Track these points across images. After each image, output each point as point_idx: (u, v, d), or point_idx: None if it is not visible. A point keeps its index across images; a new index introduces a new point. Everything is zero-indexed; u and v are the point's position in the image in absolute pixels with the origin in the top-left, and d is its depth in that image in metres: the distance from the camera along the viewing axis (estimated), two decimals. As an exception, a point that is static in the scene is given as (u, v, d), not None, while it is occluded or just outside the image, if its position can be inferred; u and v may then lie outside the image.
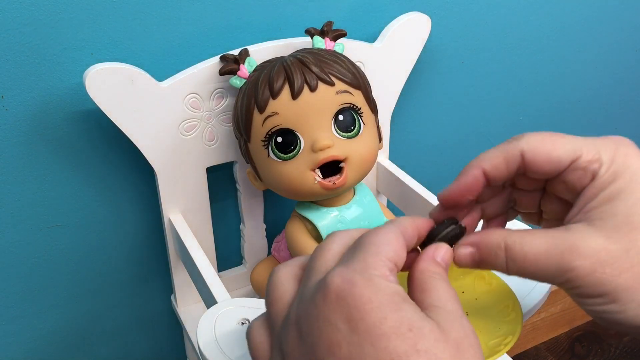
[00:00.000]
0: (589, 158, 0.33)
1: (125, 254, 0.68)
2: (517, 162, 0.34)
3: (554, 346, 1.29)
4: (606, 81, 0.97)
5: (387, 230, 0.32)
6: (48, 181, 0.60)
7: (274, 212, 0.73)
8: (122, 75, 0.54)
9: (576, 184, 0.33)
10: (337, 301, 0.28)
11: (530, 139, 0.34)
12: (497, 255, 0.33)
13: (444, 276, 0.32)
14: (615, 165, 0.32)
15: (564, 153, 0.33)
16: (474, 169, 0.35)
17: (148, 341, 0.76)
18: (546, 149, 0.33)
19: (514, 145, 0.34)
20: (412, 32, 0.68)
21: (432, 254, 0.33)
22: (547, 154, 0.33)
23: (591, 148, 0.33)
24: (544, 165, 0.33)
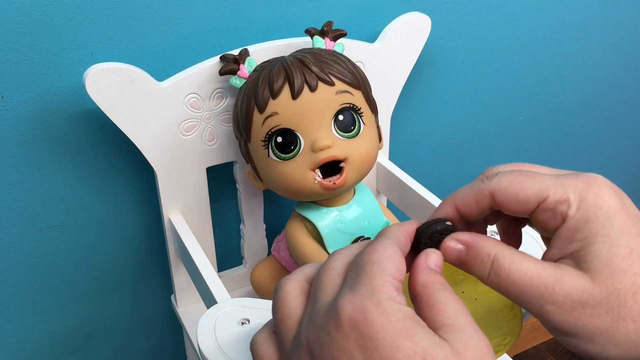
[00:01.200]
0: (557, 199, 0.32)
1: (125, 254, 0.68)
2: (487, 202, 0.34)
3: (554, 346, 1.29)
4: (606, 81, 0.97)
5: (385, 246, 0.31)
6: (48, 181, 0.60)
7: (274, 212, 0.73)
8: (122, 75, 0.54)
9: (547, 224, 0.33)
10: (350, 330, 0.28)
11: (500, 179, 0.34)
12: (483, 263, 0.33)
13: (445, 285, 0.32)
14: (585, 205, 0.32)
15: (531, 194, 0.33)
16: (447, 206, 0.36)
17: (148, 341, 0.76)
18: (514, 190, 0.33)
19: (485, 186, 0.34)
20: (412, 32, 0.68)
21: (425, 263, 0.33)
22: (514, 195, 0.33)
23: (559, 189, 0.32)
24: (512, 206, 0.33)
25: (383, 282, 0.29)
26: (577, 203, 0.32)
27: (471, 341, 0.28)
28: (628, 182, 1.15)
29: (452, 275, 0.50)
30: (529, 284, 0.31)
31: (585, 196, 0.32)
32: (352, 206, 0.58)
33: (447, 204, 0.36)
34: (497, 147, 0.90)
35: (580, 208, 0.32)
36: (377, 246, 0.31)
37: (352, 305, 0.28)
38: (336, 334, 0.28)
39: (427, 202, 0.64)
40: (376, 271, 0.30)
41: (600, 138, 1.04)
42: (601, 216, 0.31)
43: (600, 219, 0.31)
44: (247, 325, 0.44)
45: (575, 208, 0.32)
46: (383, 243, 0.32)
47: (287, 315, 0.32)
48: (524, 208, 0.33)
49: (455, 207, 0.36)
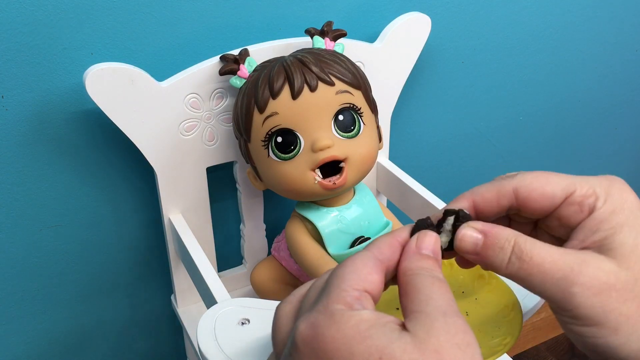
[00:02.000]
0: (583, 192, 0.33)
1: (125, 253, 0.68)
2: (509, 199, 0.34)
3: (554, 346, 1.29)
4: (606, 81, 0.97)
5: (354, 258, 0.31)
6: (48, 181, 0.60)
7: (274, 212, 0.73)
8: (122, 75, 0.54)
9: (571, 218, 0.33)
10: (304, 349, 0.27)
11: (524, 176, 0.34)
12: (503, 249, 0.31)
13: (430, 270, 0.30)
14: (612, 199, 0.32)
15: (558, 189, 0.33)
16: (464, 200, 0.35)
17: (148, 341, 0.76)
18: (540, 185, 0.33)
19: (508, 182, 0.34)
20: (412, 32, 0.68)
21: (412, 248, 0.31)
22: (541, 189, 0.33)
23: (584, 184, 0.33)
24: (538, 201, 0.33)
25: (339, 293, 0.28)
26: (604, 196, 0.32)
27: (436, 325, 0.26)
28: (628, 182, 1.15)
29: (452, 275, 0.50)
30: (554, 266, 0.30)
31: (611, 191, 0.32)
32: (352, 206, 0.58)
33: (464, 198, 0.35)
34: (497, 147, 0.90)
35: (607, 201, 0.32)
36: (347, 260, 0.31)
37: (305, 324, 0.28)
38: (295, 355, 0.28)
39: (427, 202, 0.64)
40: (335, 285, 0.29)
41: (600, 138, 1.04)
42: (627, 209, 0.32)
43: (626, 211, 0.32)
44: (247, 325, 0.44)
45: (602, 201, 0.32)
46: (355, 255, 0.31)
47: (280, 340, 0.31)
48: (549, 202, 0.33)
49: (473, 202, 0.35)
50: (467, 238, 0.33)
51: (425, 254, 0.31)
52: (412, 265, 0.30)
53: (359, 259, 0.30)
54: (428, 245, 0.32)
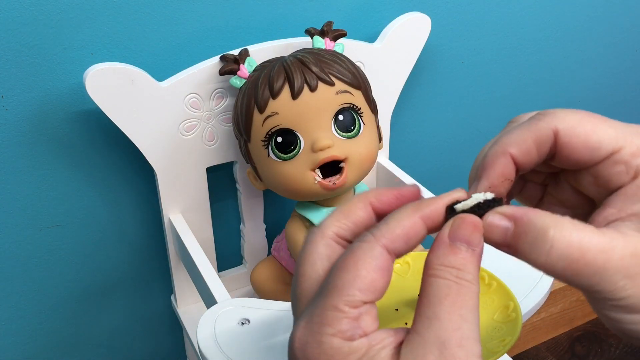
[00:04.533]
0: (633, 151, 0.27)
1: (125, 254, 0.68)
2: (549, 144, 0.28)
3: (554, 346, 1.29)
4: (606, 81, 0.97)
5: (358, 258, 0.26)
6: (48, 181, 0.60)
7: (274, 212, 0.73)
8: (122, 75, 0.54)
9: (612, 180, 0.28)
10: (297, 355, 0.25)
11: (565, 116, 0.28)
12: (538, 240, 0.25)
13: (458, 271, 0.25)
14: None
15: (605, 140, 0.27)
16: (501, 157, 0.29)
17: (148, 341, 0.76)
18: (584, 131, 0.27)
19: (546, 123, 0.28)
20: (412, 32, 0.68)
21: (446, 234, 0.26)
22: (584, 136, 0.27)
23: (636, 139, 0.27)
24: (578, 151, 0.27)
25: (334, 315, 0.25)
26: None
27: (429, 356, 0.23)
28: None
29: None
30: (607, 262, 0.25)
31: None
32: (352, 206, 0.58)
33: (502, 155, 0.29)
34: (497, 147, 0.90)
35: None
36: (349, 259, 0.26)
37: (298, 341, 0.25)
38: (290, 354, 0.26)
39: (427, 202, 0.64)
40: (332, 298, 0.25)
41: (600, 138, 1.04)
42: None
43: None
44: (247, 325, 0.44)
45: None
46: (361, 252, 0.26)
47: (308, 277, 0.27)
48: (590, 155, 0.27)
49: (512, 155, 0.29)
50: (495, 228, 0.26)
51: (457, 247, 0.25)
52: (436, 261, 0.25)
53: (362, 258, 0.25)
54: (462, 235, 0.26)
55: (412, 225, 0.26)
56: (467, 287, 0.24)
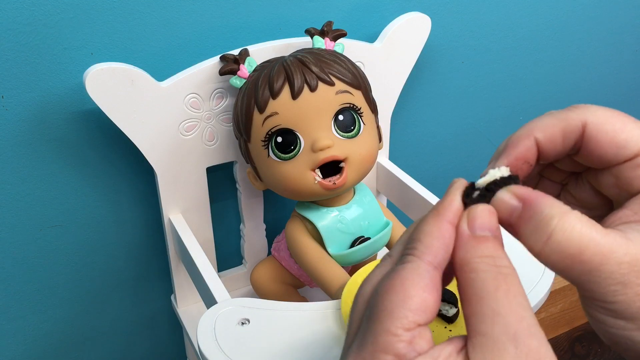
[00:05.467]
0: None
1: (125, 253, 0.68)
2: (575, 136, 0.28)
3: (554, 346, 1.29)
4: (606, 81, 0.97)
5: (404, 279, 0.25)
6: (48, 181, 0.60)
7: (274, 212, 0.73)
8: (122, 75, 0.54)
9: (634, 182, 0.27)
10: None
11: (596, 111, 0.27)
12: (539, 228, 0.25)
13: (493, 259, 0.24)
14: None
15: (633, 140, 0.27)
16: (526, 139, 0.28)
17: (148, 341, 0.77)
18: (613, 128, 0.27)
19: (576, 115, 0.28)
20: (412, 32, 0.68)
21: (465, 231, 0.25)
22: (612, 133, 0.27)
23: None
24: (605, 148, 0.27)
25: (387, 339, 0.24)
26: None
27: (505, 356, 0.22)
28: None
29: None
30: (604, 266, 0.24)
31: None
32: (352, 206, 0.58)
33: (526, 137, 0.28)
34: (497, 147, 0.90)
35: None
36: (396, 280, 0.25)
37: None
38: None
39: (427, 202, 0.64)
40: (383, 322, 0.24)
41: (600, 138, 1.04)
42: None
43: None
44: (247, 325, 0.44)
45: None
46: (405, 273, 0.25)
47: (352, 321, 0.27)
48: (616, 153, 0.27)
49: (537, 141, 0.28)
50: (502, 205, 0.26)
51: (482, 236, 0.25)
52: (468, 256, 0.25)
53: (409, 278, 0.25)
54: (482, 223, 0.25)
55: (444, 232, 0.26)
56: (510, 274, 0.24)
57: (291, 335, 0.44)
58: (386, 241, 0.59)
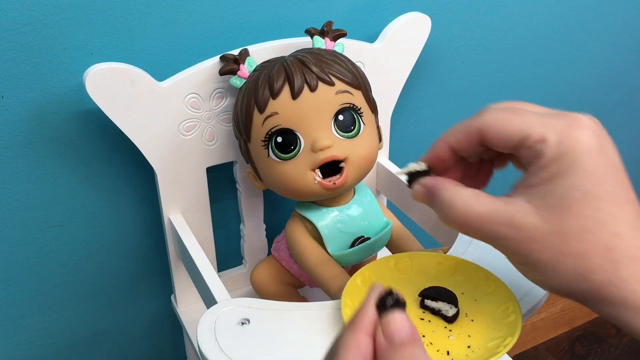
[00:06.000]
0: (536, 138, 0.34)
1: (125, 253, 0.68)
2: (476, 137, 0.36)
3: (554, 346, 1.29)
4: (606, 81, 0.97)
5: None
6: (48, 181, 0.60)
7: (274, 212, 0.73)
8: (122, 75, 0.54)
9: (524, 161, 0.35)
10: None
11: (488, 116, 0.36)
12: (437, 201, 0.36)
13: None
14: (561, 147, 0.33)
15: (513, 132, 0.34)
16: (440, 143, 0.38)
17: (148, 341, 0.77)
18: (499, 127, 0.35)
19: (474, 122, 0.36)
20: (412, 32, 0.68)
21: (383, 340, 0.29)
22: (499, 131, 0.35)
23: (540, 128, 0.34)
24: (497, 142, 0.35)
25: None
26: (553, 143, 0.33)
27: None
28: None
29: (452, 276, 0.50)
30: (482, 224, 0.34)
31: (563, 138, 0.33)
32: (352, 206, 0.58)
33: (440, 142, 0.38)
34: (497, 147, 0.90)
35: (555, 148, 0.33)
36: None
37: None
38: None
39: (427, 202, 0.64)
40: None
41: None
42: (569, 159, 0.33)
43: (566, 161, 0.33)
44: (247, 325, 0.44)
45: (550, 147, 0.33)
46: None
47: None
48: (507, 144, 0.35)
49: (448, 144, 0.38)
50: (417, 192, 0.38)
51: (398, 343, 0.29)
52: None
53: None
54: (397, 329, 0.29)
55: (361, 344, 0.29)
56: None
57: (291, 335, 0.44)
58: (386, 241, 0.59)
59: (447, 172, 0.40)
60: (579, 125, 0.33)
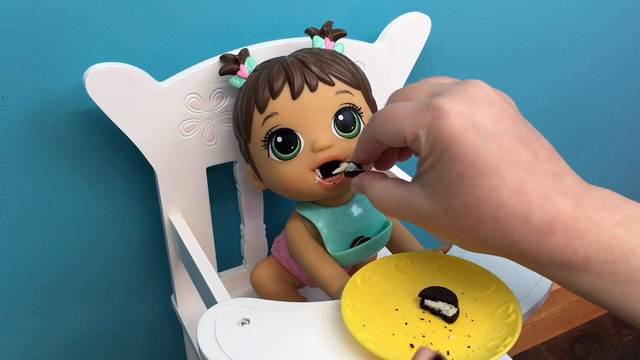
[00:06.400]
0: (410, 138, 0.38)
1: (125, 253, 0.68)
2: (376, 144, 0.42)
3: (554, 346, 1.29)
4: (606, 81, 0.97)
5: None
6: (48, 181, 0.60)
7: (274, 212, 0.73)
8: (122, 75, 0.54)
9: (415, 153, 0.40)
10: None
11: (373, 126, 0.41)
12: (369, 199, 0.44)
13: None
14: (429, 140, 0.37)
15: (395, 137, 0.39)
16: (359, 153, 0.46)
17: (148, 341, 0.77)
18: (383, 135, 0.40)
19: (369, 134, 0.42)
20: (412, 32, 0.68)
21: None
22: (385, 138, 0.40)
23: (412, 127, 0.38)
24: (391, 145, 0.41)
25: None
26: (424, 138, 0.37)
27: None
28: (628, 183, 1.15)
29: (452, 276, 0.50)
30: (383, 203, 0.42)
31: (429, 131, 0.37)
32: (352, 206, 0.58)
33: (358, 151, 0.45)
34: (497, 147, 0.90)
35: (426, 143, 0.37)
36: None
37: None
38: None
39: (427, 202, 0.64)
40: None
41: (601, 138, 1.04)
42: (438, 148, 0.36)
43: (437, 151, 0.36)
44: (247, 325, 0.44)
45: (422, 143, 0.37)
46: None
47: None
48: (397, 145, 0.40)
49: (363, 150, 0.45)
50: (353, 187, 0.46)
51: None
52: None
53: None
54: None
55: None
56: None
57: (291, 335, 0.44)
58: (386, 241, 0.59)
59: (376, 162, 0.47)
60: (440, 116, 0.36)
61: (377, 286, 0.48)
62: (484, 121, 0.36)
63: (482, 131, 0.35)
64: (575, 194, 0.35)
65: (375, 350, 0.40)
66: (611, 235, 0.34)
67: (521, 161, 0.35)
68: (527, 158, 0.35)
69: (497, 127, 0.36)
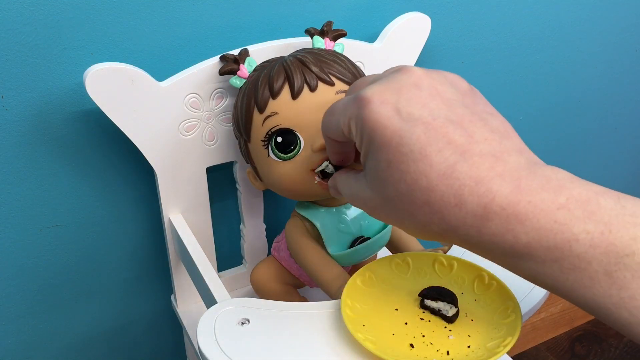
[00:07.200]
0: (347, 130, 0.39)
1: (125, 254, 0.68)
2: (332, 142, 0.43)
3: (554, 346, 1.29)
4: (606, 81, 0.97)
5: None
6: (48, 181, 0.60)
7: (274, 212, 0.73)
8: (122, 75, 0.54)
9: None
10: None
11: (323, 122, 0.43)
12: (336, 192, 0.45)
13: None
14: (358, 130, 0.37)
15: (337, 133, 0.40)
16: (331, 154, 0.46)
17: (148, 341, 0.77)
18: (329, 132, 0.42)
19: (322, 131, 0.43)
20: (412, 32, 0.68)
21: None
22: (332, 135, 0.42)
23: (345, 120, 0.38)
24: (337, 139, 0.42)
25: None
26: (355, 130, 0.38)
27: None
28: (628, 182, 1.15)
29: (451, 276, 0.50)
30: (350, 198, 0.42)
31: (357, 122, 0.37)
32: (352, 206, 0.58)
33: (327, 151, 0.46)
34: (497, 147, 0.90)
35: (357, 134, 0.38)
36: None
37: None
38: None
39: (427, 202, 0.64)
40: None
41: (601, 138, 1.04)
42: (367, 138, 0.37)
43: (366, 141, 0.37)
44: (247, 325, 0.44)
45: (355, 135, 0.38)
46: None
47: None
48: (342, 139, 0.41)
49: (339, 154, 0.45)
50: (330, 188, 0.47)
51: None
52: None
53: None
54: None
55: None
56: None
57: (291, 335, 0.44)
58: (386, 241, 0.59)
59: None
60: (364, 105, 0.36)
61: (377, 286, 0.48)
62: (408, 106, 0.35)
63: (406, 117, 0.35)
64: (516, 176, 0.33)
65: (375, 350, 0.40)
66: (552, 220, 0.32)
67: (452, 143, 0.34)
68: (460, 139, 0.34)
69: (424, 111, 0.35)
